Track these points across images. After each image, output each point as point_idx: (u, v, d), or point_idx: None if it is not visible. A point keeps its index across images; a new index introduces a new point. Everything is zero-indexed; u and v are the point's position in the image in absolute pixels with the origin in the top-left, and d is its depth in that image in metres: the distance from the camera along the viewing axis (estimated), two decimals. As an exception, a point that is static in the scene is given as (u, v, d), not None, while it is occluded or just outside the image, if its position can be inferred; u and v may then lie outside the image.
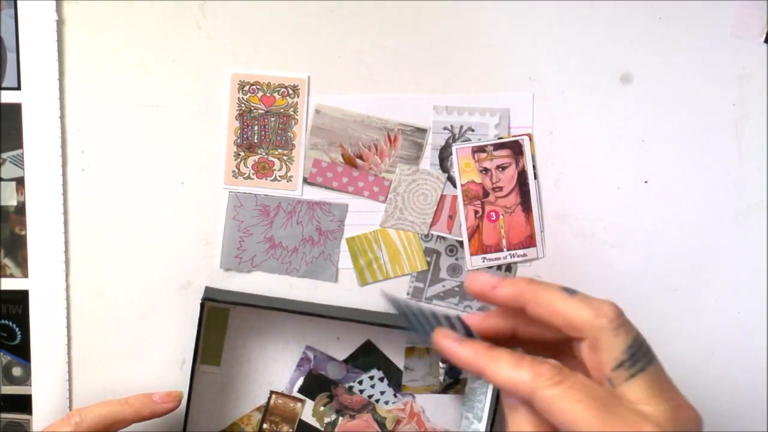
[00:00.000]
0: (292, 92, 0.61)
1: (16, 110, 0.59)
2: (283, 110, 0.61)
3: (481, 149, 0.62)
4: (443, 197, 0.62)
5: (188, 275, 0.62)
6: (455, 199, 0.62)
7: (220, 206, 0.62)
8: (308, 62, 0.60)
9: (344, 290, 0.63)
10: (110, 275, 0.62)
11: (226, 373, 0.64)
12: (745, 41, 0.61)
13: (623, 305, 0.63)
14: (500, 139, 0.62)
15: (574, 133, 0.62)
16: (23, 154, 0.60)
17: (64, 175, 0.60)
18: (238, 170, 0.61)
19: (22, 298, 0.61)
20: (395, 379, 0.65)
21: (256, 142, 0.61)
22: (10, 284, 0.61)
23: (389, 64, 0.61)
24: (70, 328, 0.62)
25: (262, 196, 0.62)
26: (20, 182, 0.60)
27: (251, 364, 0.64)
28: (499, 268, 0.63)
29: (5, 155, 0.60)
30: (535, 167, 0.62)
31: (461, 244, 0.63)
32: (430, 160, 0.62)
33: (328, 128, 0.61)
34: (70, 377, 0.62)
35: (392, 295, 0.45)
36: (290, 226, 0.62)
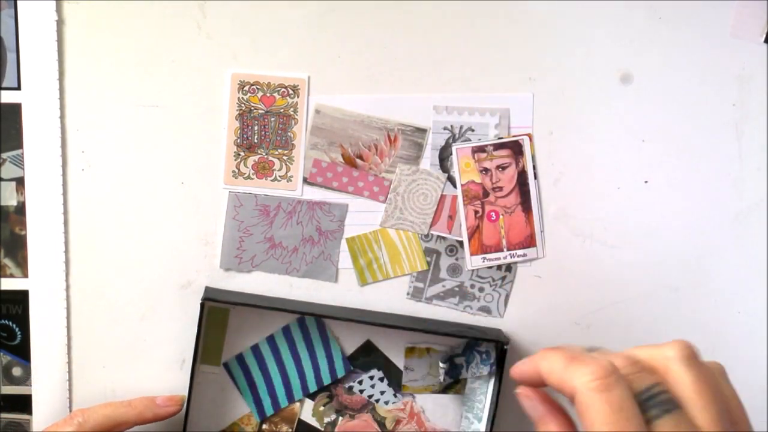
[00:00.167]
0: (292, 92, 0.61)
1: (16, 110, 0.59)
2: (283, 110, 0.61)
3: (481, 149, 0.62)
4: (443, 197, 0.62)
5: (188, 275, 0.62)
6: (455, 199, 0.62)
7: (220, 206, 0.62)
8: (308, 62, 0.60)
9: (344, 290, 0.63)
10: (110, 275, 0.62)
11: (226, 373, 0.64)
12: (745, 41, 0.61)
13: (623, 305, 0.64)
14: (500, 139, 0.62)
15: (574, 133, 0.62)
16: (23, 154, 0.60)
17: (64, 175, 0.60)
18: (238, 170, 0.61)
19: (22, 298, 0.61)
20: (395, 379, 0.65)
21: (256, 142, 0.61)
22: (10, 284, 0.61)
23: (389, 64, 0.61)
24: (70, 328, 0.62)
25: (262, 196, 0.62)
26: (20, 182, 0.60)
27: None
28: (499, 268, 0.63)
29: (5, 155, 0.60)
30: (535, 167, 0.62)
31: (461, 244, 0.63)
32: (430, 160, 0.62)
33: (328, 128, 0.61)
34: (70, 377, 0.62)
35: None
36: (290, 226, 0.62)
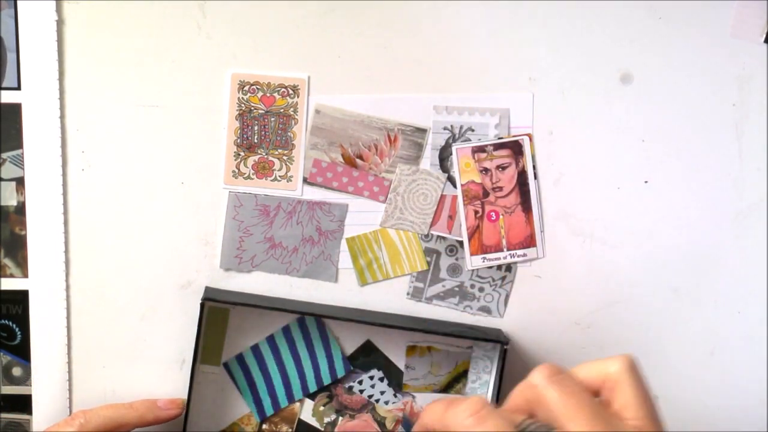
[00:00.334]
0: (292, 92, 0.61)
1: (16, 110, 0.59)
2: (283, 110, 0.61)
3: (481, 149, 0.62)
4: (443, 197, 0.62)
5: (188, 275, 0.62)
6: (455, 199, 0.62)
7: (220, 206, 0.62)
8: (308, 62, 0.60)
9: (344, 290, 0.63)
10: (110, 275, 0.62)
11: (226, 373, 0.64)
12: (745, 41, 0.61)
13: (623, 305, 0.64)
14: (500, 139, 0.62)
15: (574, 133, 0.62)
16: (23, 154, 0.60)
17: (64, 175, 0.60)
18: (238, 170, 0.61)
19: (22, 298, 0.61)
20: (395, 379, 0.65)
21: (256, 142, 0.61)
22: (10, 284, 0.61)
23: (389, 64, 0.61)
24: (70, 328, 0.62)
25: (262, 196, 0.62)
26: (20, 182, 0.60)
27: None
28: (499, 268, 0.63)
29: (5, 155, 0.60)
30: (535, 167, 0.62)
31: (461, 244, 0.63)
32: (430, 160, 0.62)
33: (328, 128, 0.61)
34: (70, 377, 0.62)
35: None
36: (290, 226, 0.62)
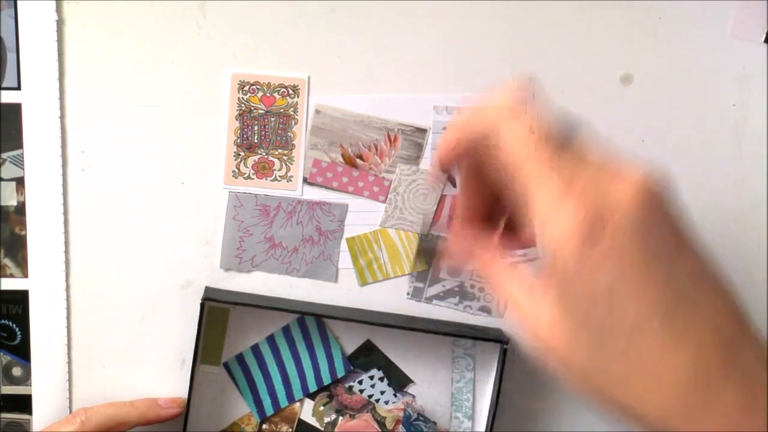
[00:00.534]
0: (292, 92, 0.61)
1: (16, 110, 0.59)
2: (283, 110, 0.61)
3: (481, 149, 0.62)
4: (443, 197, 0.62)
5: (188, 275, 0.62)
6: (455, 199, 0.62)
7: (220, 206, 0.62)
8: (308, 62, 0.60)
9: (344, 290, 0.63)
10: (110, 275, 0.62)
11: (226, 373, 0.64)
12: (745, 41, 0.61)
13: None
14: (500, 139, 0.62)
15: (574, 133, 0.62)
16: (23, 154, 0.60)
17: (64, 175, 0.60)
18: (238, 170, 0.61)
19: (22, 298, 0.61)
20: (395, 379, 0.65)
21: (256, 142, 0.61)
22: (10, 284, 0.61)
23: (389, 64, 0.61)
24: (70, 328, 0.62)
25: (262, 196, 0.62)
26: (20, 182, 0.60)
27: (251, 364, 0.64)
28: (499, 268, 0.63)
29: (5, 155, 0.60)
30: (535, 167, 0.62)
31: (461, 244, 0.63)
32: (430, 160, 0.62)
33: (328, 128, 0.61)
34: (70, 377, 0.62)
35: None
36: (290, 226, 0.62)
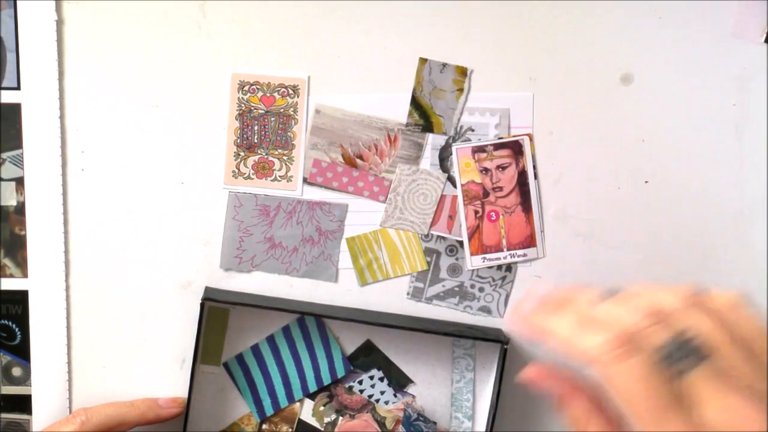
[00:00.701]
0: (292, 92, 0.61)
1: (16, 110, 0.59)
2: (283, 110, 0.61)
3: (481, 149, 0.62)
4: (443, 197, 0.62)
5: (188, 275, 0.62)
6: (455, 199, 0.62)
7: (220, 206, 0.62)
8: (308, 62, 0.60)
9: (344, 290, 0.63)
10: (110, 275, 0.62)
11: (226, 373, 0.64)
12: (745, 41, 0.61)
13: (623, 305, 0.64)
14: (500, 139, 0.62)
15: (574, 133, 0.62)
16: (23, 154, 0.60)
17: (64, 175, 0.60)
18: (238, 170, 0.61)
19: (22, 298, 0.61)
20: (395, 379, 0.65)
21: (256, 142, 0.61)
22: (10, 284, 0.61)
23: (389, 64, 0.61)
24: (70, 328, 0.62)
25: (262, 196, 0.62)
26: (20, 182, 0.60)
27: (251, 364, 0.64)
28: (499, 268, 0.63)
29: (5, 155, 0.60)
30: (535, 167, 0.62)
31: (461, 244, 0.63)
32: (430, 160, 0.62)
33: (328, 128, 0.61)
34: (70, 377, 0.62)
35: None
36: (290, 226, 0.62)
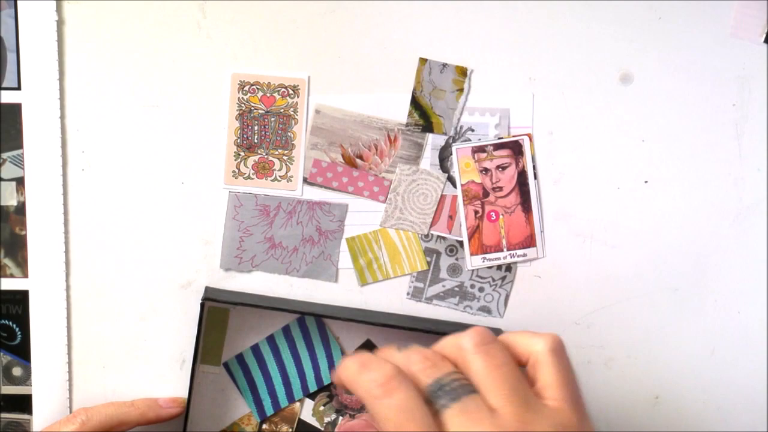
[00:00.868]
0: (292, 92, 0.61)
1: (16, 110, 0.59)
2: (283, 110, 0.61)
3: (481, 149, 0.62)
4: (443, 197, 0.62)
5: (188, 275, 0.62)
6: (455, 199, 0.62)
7: (220, 206, 0.62)
8: (308, 62, 0.60)
9: (344, 290, 0.63)
10: (110, 275, 0.62)
11: (226, 373, 0.64)
12: (745, 41, 0.61)
13: (623, 305, 0.64)
14: (500, 139, 0.62)
15: (574, 133, 0.62)
16: (23, 154, 0.60)
17: (64, 175, 0.60)
18: (238, 170, 0.61)
19: (22, 298, 0.61)
20: (395, 379, 0.65)
21: (256, 142, 0.61)
22: (10, 284, 0.61)
23: (389, 64, 0.61)
24: (70, 328, 0.62)
25: (262, 196, 0.62)
26: (20, 182, 0.60)
27: (251, 364, 0.64)
28: (499, 268, 0.63)
29: (5, 155, 0.60)
30: (535, 167, 0.62)
31: (461, 244, 0.63)
32: (430, 160, 0.62)
33: (328, 128, 0.61)
34: (70, 377, 0.62)
35: None
36: (290, 226, 0.62)
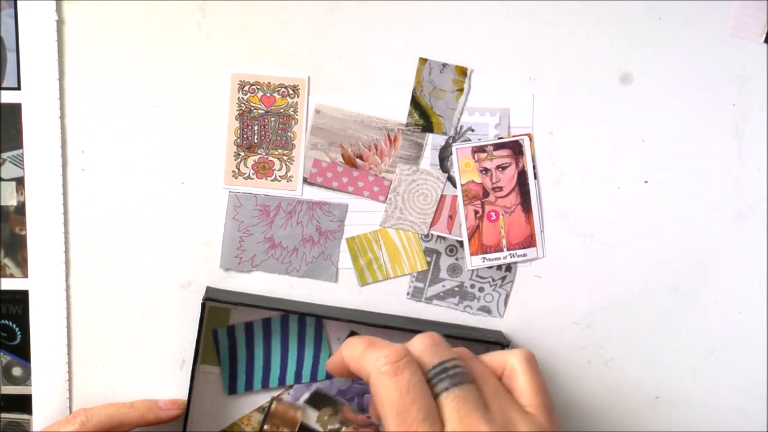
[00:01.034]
0: (292, 92, 0.61)
1: (16, 110, 0.59)
2: (283, 110, 0.61)
3: (481, 149, 0.62)
4: (443, 197, 0.62)
5: (188, 275, 0.62)
6: (455, 199, 0.62)
7: (220, 206, 0.62)
8: (308, 62, 0.60)
9: (344, 290, 0.63)
10: (110, 275, 0.62)
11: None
12: (745, 41, 0.61)
13: (623, 305, 0.64)
14: (500, 139, 0.62)
15: (574, 133, 0.62)
16: (23, 154, 0.60)
17: (64, 175, 0.60)
18: (238, 170, 0.61)
19: (22, 298, 0.61)
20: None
21: (256, 142, 0.61)
22: (10, 284, 0.61)
23: (389, 64, 0.61)
24: (70, 328, 0.62)
25: (262, 196, 0.62)
26: (20, 182, 0.60)
27: (251, 364, 0.64)
28: (499, 268, 0.63)
29: (5, 155, 0.60)
30: (535, 167, 0.62)
31: (461, 244, 0.63)
32: (430, 160, 0.62)
33: (328, 128, 0.61)
34: (70, 377, 0.62)
35: None
36: (290, 226, 0.62)
